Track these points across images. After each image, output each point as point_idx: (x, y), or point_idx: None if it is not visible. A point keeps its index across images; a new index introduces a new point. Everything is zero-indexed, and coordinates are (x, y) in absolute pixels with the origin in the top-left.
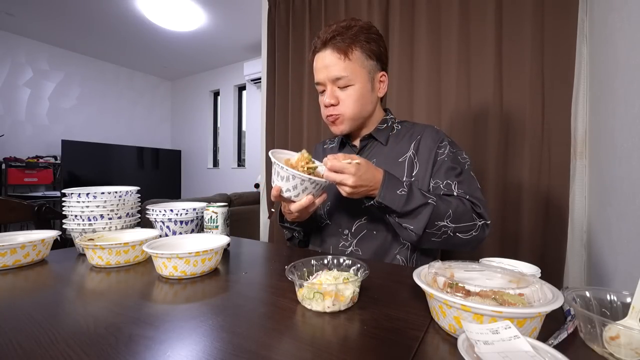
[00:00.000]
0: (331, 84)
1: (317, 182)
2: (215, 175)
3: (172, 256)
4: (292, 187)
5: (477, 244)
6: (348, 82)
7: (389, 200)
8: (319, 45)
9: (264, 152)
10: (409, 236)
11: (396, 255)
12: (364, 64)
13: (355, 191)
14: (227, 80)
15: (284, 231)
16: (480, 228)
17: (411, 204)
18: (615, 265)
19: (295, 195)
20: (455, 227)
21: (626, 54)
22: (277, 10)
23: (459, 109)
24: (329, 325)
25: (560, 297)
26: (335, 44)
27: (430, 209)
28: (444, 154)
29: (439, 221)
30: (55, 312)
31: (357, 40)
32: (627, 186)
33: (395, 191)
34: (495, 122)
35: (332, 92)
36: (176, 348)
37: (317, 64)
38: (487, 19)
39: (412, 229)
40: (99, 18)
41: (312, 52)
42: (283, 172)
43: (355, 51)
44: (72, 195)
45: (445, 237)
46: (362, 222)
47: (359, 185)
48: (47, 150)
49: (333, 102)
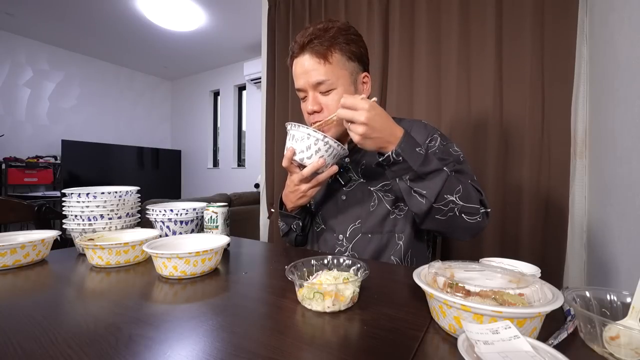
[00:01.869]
0: (313, 89)
1: (330, 144)
2: (215, 175)
3: (172, 256)
4: (305, 148)
5: (476, 232)
6: (330, 87)
7: (408, 155)
8: (296, 50)
9: (264, 152)
10: (418, 205)
11: (391, 257)
12: (345, 66)
13: (367, 134)
14: (227, 80)
15: (280, 226)
16: (483, 215)
17: (428, 167)
18: (615, 265)
19: (308, 157)
20: (462, 205)
21: (626, 54)
22: (277, 10)
23: (459, 109)
24: (329, 325)
25: (560, 297)
26: (314, 48)
27: (444, 176)
28: (435, 146)
29: (449, 195)
30: (55, 312)
31: (336, 43)
32: (627, 186)
33: (414, 148)
34: (495, 122)
35: (314, 98)
36: (176, 348)
37: (296, 70)
38: (487, 19)
39: (425, 194)
40: (99, 18)
41: (290, 58)
42: (298, 133)
43: (335, 54)
44: (72, 195)
45: (451, 215)
46: (356, 225)
47: (372, 128)
48: (47, 150)
49: (316, 108)
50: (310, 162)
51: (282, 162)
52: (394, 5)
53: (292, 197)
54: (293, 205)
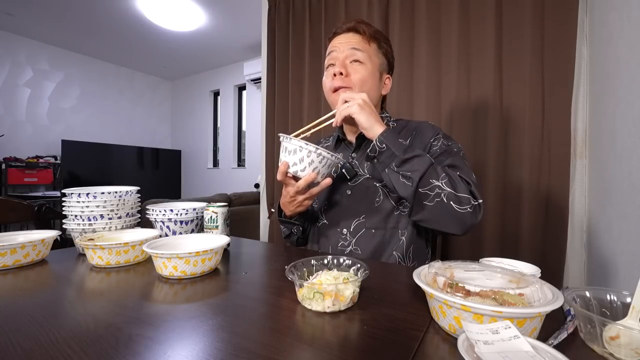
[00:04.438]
0: (345, 57)
1: (323, 155)
2: (215, 175)
3: (172, 256)
4: (298, 160)
5: (469, 225)
6: (362, 59)
7: (391, 143)
8: (342, 29)
9: (264, 152)
10: (405, 188)
11: (392, 252)
12: (377, 56)
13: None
14: (227, 80)
15: (281, 229)
16: (476, 208)
17: (411, 152)
18: (615, 265)
19: (302, 170)
20: (449, 192)
21: (626, 54)
22: (277, 11)
23: (459, 110)
24: (329, 325)
25: (560, 297)
26: (360, 29)
27: (427, 160)
28: (437, 145)
29: (434, 180)
30: (55, 312)
31: (376, 37)
32: (627, 186)
33: (397, 139)
34: (495, 122)
35: (343, 63)
36: (176, 348)
37: (336, 41)
38: (487, 19)
39: (410, 175)
40: (99, 18)
41: (332, 35)
42: (291, 146)
43: (373, 44)
44: (72, 195)
45: (439, 200)
46: (361, 220)
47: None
48: (47, 150)
49: (342, 71)
50: (304, 174)
51: (277, 176)
52: (394, 5)
53: (290, 207)
54: (291, 213)
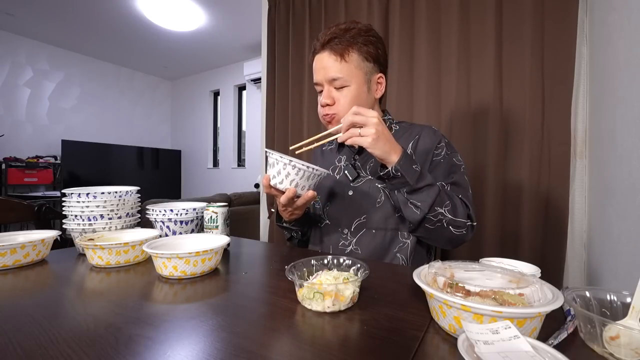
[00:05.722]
0: (328, 84)
1: (298, 167)
2: (215, 175)
3: (172, 256)
4: (276, 173)
5: (460, 243)
6: (344, 83)
7: (406, 171)
8: (317, 47)
9: (264, 152)
10: (413, 214)
11: (396, 254)
12: (360, 66)
13: (378, 136)
14: (227, 80)
15: (284, 231)
16: (469, 229)
17: (422, 182)
18: (615, 265)
19: (280, 182)
20: (450, 218)
21: (626, 54)
22: (277, 11)
23: (459, 110)
24: (329, 325)
25: (560, 297)
26: (332, 46)
27: (436, 190)
28: (441, 155)
29: (439, 207)
30: (55, 312)
31: (355, 43)
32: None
33: (411, 166)
34: (495, 122)
35: (328, 92)
36: (176, 348)
37: (315, 65)
38: (487, 19)
39: (420, 205)
40: (99, 18)
41: (311, 54)
42: (270, 159)
43: (352, 53)
44: (72, 195)
45: (439, 225)
46: (362, 220)
47: (381, 134)
48: (47, 150)
49: (329, 102)
50: (283, 186)
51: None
52: (394, 5)
53: (284, 215)
54: (288, 220)
